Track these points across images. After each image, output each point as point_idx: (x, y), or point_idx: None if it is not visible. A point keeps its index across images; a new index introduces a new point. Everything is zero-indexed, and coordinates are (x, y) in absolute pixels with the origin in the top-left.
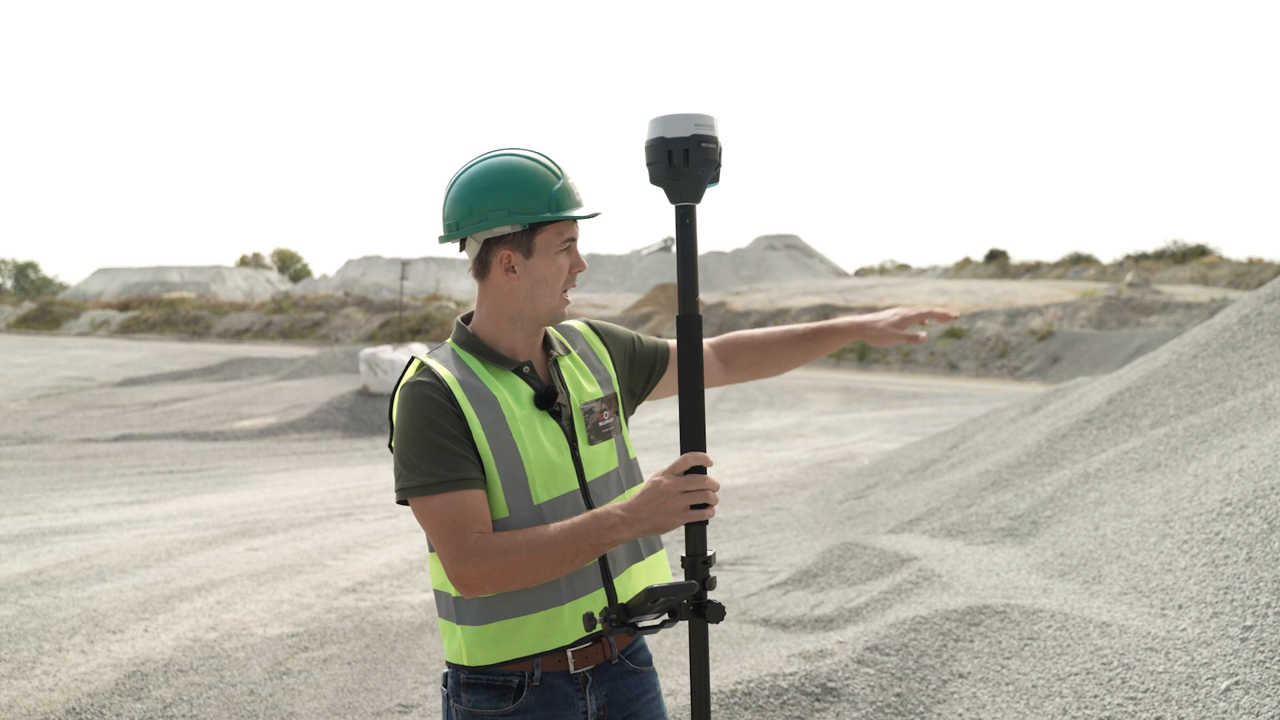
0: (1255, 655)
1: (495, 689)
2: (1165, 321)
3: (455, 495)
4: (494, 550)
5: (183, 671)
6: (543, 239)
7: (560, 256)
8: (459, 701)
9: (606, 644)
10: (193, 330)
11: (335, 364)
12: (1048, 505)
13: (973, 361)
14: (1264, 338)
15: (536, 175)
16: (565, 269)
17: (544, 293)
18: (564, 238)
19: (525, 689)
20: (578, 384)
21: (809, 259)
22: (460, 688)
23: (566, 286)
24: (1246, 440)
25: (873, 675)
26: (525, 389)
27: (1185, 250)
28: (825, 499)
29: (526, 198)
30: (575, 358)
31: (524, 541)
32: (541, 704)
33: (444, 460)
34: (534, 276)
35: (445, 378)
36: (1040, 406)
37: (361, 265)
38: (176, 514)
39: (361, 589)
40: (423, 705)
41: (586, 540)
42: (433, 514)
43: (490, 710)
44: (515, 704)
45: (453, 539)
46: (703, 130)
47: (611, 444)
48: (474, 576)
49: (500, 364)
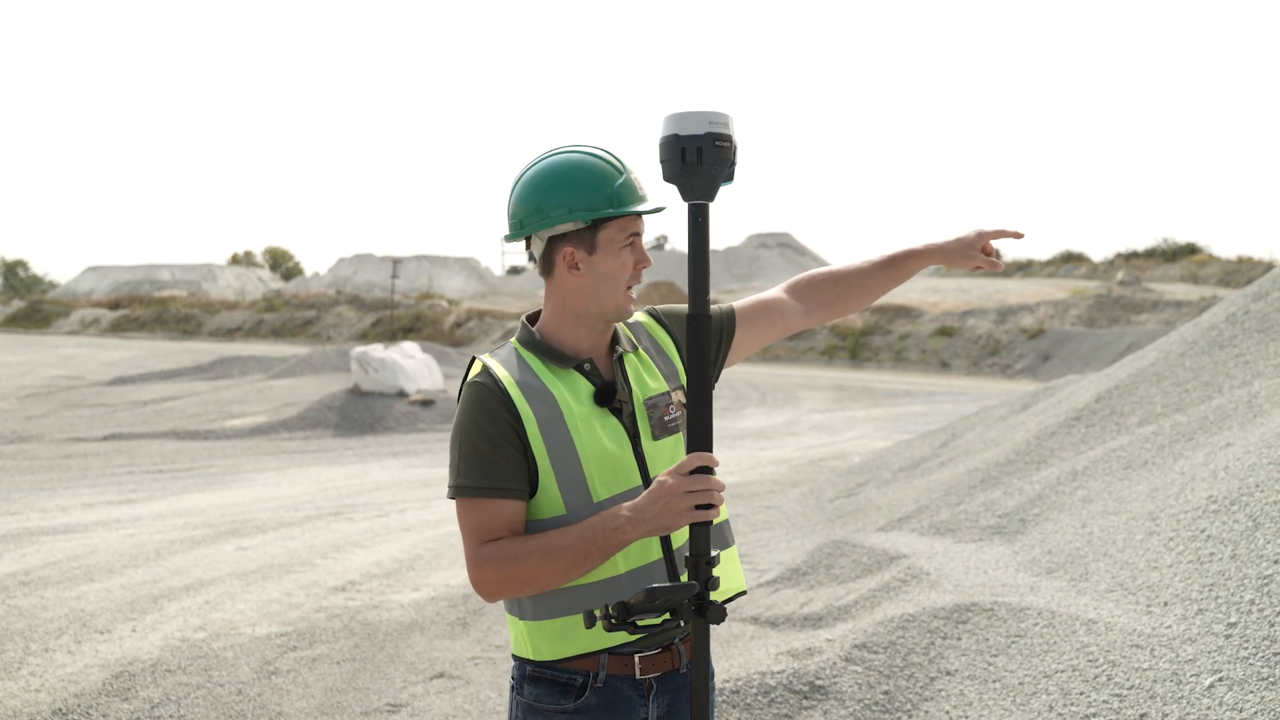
0: (1239, 652)
1: (559, 685)
2: (1155, 320)
3: (488, 503)
4: (506, 557)
5: (170, 671)
6: (606, 235)
7: (624, 252)
8: (521, 694)
9: (675, 652)
10: (183, 329)
11: (327, 362)
12: (1036, 503)
13: (964, 359)
14: (1250, 336)
15: (598, 171)
16: (629, 265)
17: (609, 289)
18: (627, 233)
19: (588, 689)
20: (641, 379)
21: (801, 257)
22: (524, 680)
23: (631, 283)
24: (1232, 438)
25: (860, 673)
26: (585, 386)
27: (1175, 248)
28: (815, 497)
29: (588, 194)
30: (641, 354)
31: (535, 548)
32: (603, 705)
33: (483, 466)
34: (598, 273)
35: (502, 378)
36: (1030, 405)
37: (353, 263)
38: (165, 513)
39: (351, 588)
40: (411, 705)
41: (594, 543)
42: (464, 517)
43: (551, 706)
44: (576, 702)
45: (472, 544)
46: (717, 128)
47: (678, 438)
48: (488, 582)
49: (561, 362)
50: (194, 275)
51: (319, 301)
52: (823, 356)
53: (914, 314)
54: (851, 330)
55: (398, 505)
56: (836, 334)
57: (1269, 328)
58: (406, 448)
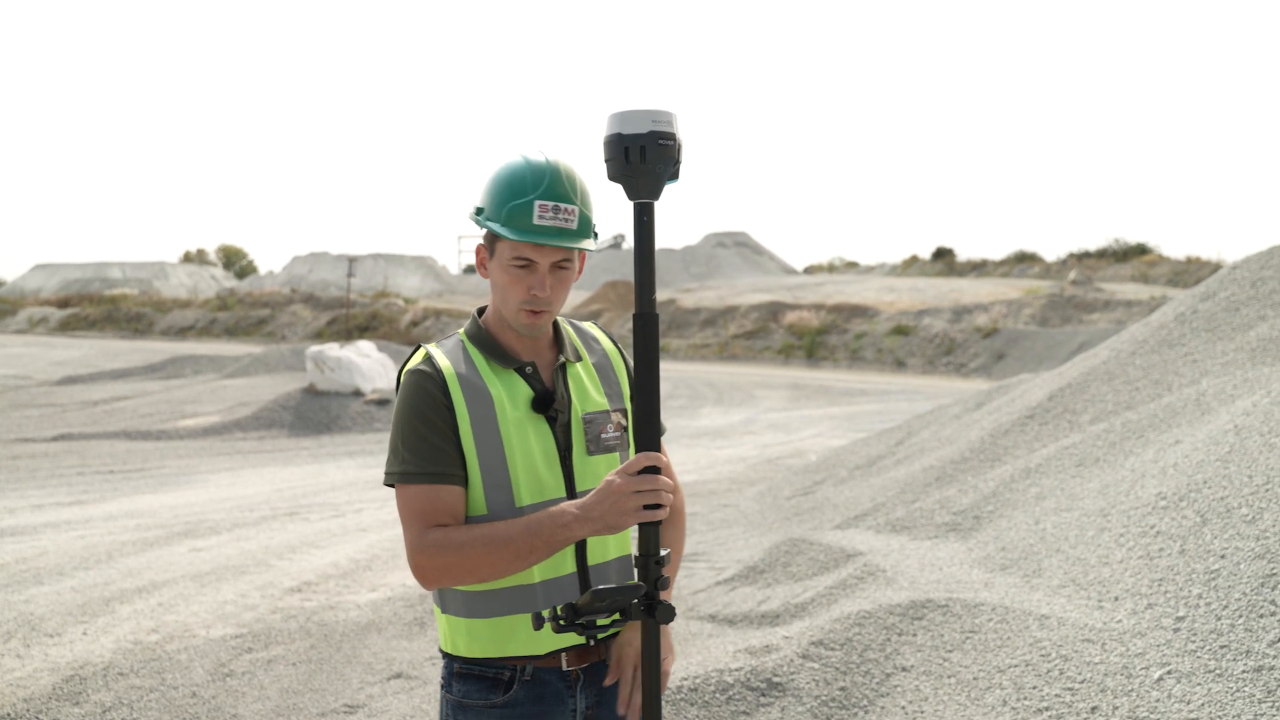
0: (1187, 645)
1: (487, 680)
2: (1107, 319)
3: (429, 488)
4: (450, 544)
5: (123, 675)
6: (501, 246)
7: (514, 271)
8: (450, 691)
9: (601, 646)
10: (135, 327)
11: (281, 362)
12: (990, 500)
13: (919, 358)
14: (1198, 335)
15: (514, 183)
16: (520, 286)
17: (502, 299)
18: (514, 255)
19: (516, 683)
20: (583, 391)
21: (759, 256)
22: (453, 677)
23: (527, 307)
24: (1181, 435)
25: (818, 670)
26: (524, 390)
27: (1126, 249)
28: (773, 495)
29: (495, 201)
30: (588, 365)
31: (479, 537)
32: (531, 699)
33: (426, 452)
34: (494, 280)
35: (444, 368)
36: (984, 403)
37: (308, 262)
38: (117, 514)
39: (307, 589)
40: (368, 705)
41: (540, 537)
42: (405, 502)
43: (479, 701)
44: (505, 696)
45: (415, 529)
46: (660, 127)
47: (614, 458)
48: (429, 568)
49: (504, 361)
50: (145, 273)
51: (273, 300)
52: (779, 355)
53: (870, 313)
54: (808, 329)
55: (354, 505)
56: (793, 333)
57: (1216, 327)
58: (363, 447)
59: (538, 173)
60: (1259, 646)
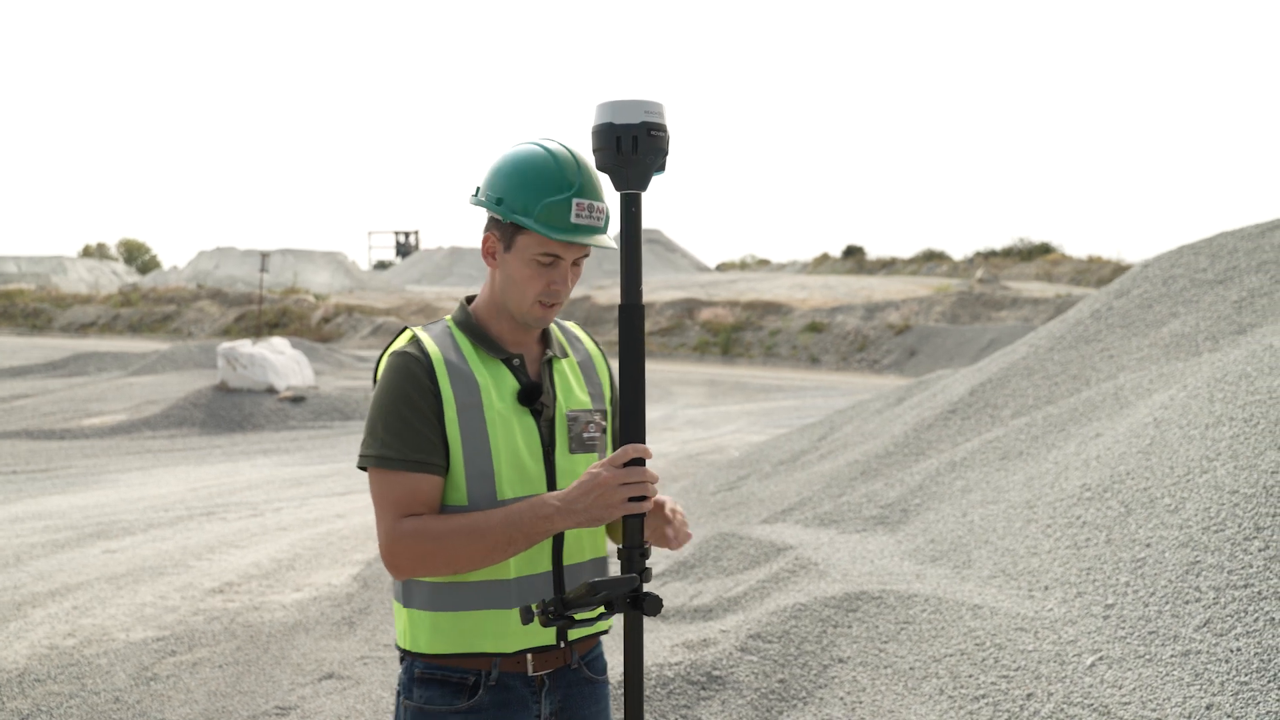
0: (1117, 631)
1: (451, 685)
2: (1014, 316)
3: (409, 477)
4: (427, 533)
5: (40, 681)
6: (523, 241)
7: (536, 266)
8: (410, 697)
9: (568, 649)
10: (33, 324)
11: (189, 359)
12: (917, 493)
13: (833, 355)
14: (1114, 331)
15: (546, 179)
16: (540, 280)
17: (515, 294)
18: (543, 251)
19: (481, 687)
20: (568, 389)
21: (671, 254)
22: (414, 682)
23: (543, 300)
24: (1102, 429)
25: (756, 662)
26: (511, 381)
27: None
28: (698, 491)
29: (521, 193)
30: (573, 363)
31: (458, 527)
32: (496, 704)
33: (408, 437)
34: (507, 273)
35: (432, 353)
36: (905, 398)
37: (214, 257)
38: (23, 516)
39: (229, 589)
40: (301, 707)
41: (520, 529)
42: (382, 488)
43: (443, 707)
44: (469, 701)
45: (390, 517)
46: (652, 118)
47: (594, 458)
48: (405, 557)
49: (491, 351)
50: (42, 268)
51: (179, 296)
52: (695, 352)
53: (783, 310)
54: (723, 326)
55: (272, 504)
56: (708, 330)
57: (1131, 323)
58: (278, 445)
59: (570, 169)
60: (1185, 631)
